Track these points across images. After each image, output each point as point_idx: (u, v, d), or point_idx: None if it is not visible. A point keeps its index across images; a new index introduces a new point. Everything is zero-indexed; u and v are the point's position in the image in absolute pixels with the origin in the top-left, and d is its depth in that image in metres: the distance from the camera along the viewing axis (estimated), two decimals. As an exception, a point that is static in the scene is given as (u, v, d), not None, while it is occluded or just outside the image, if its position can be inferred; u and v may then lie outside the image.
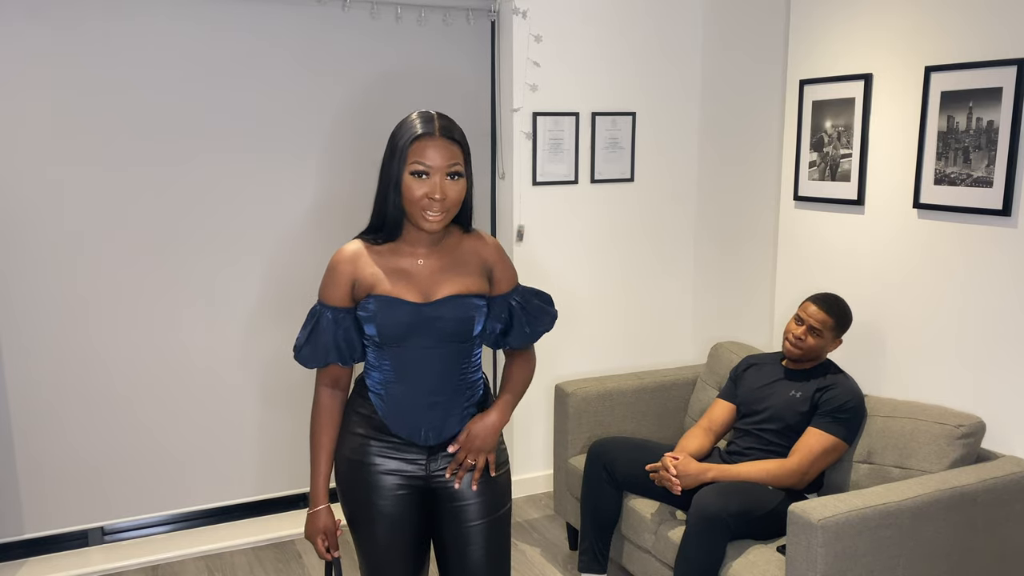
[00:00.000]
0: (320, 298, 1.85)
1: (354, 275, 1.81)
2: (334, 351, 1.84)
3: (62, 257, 3.08)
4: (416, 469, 1.87)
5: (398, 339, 1.81)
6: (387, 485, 1.86)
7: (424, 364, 1.83)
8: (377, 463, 1.86)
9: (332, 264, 1.83)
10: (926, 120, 2.65)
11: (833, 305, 2.72)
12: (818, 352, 2.73)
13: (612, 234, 3.84)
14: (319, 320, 1.83)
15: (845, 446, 2.62)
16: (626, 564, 2.90)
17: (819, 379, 2.71)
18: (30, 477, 3.15)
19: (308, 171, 3.39)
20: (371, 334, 1.82)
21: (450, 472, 1.89)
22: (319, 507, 1.88)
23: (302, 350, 1.85)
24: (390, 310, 1.79)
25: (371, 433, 1.87)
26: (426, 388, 1.84)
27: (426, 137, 1.73)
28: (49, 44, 2.94)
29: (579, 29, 3.60)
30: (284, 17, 3.25)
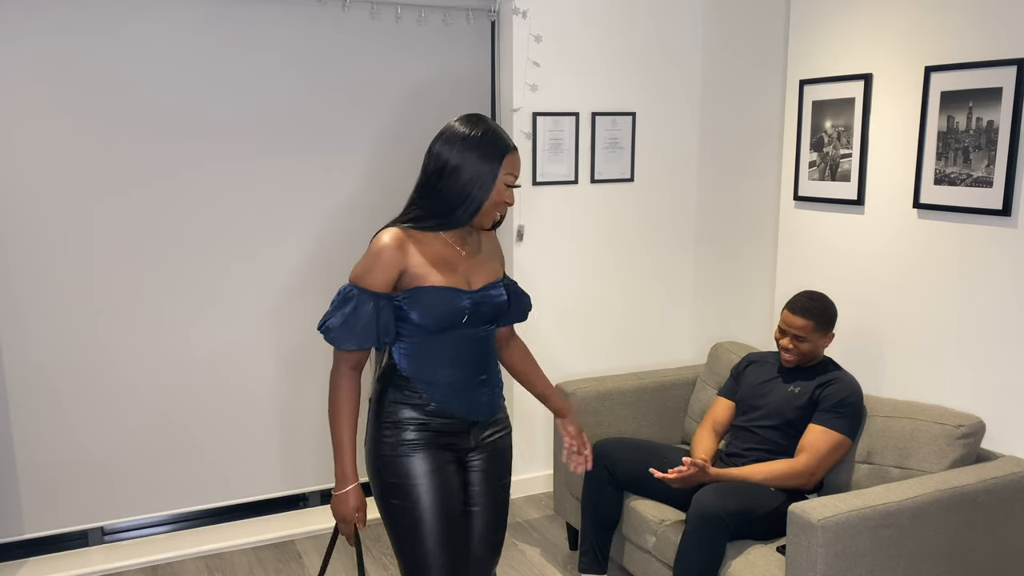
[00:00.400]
0: (358, 283, 1.89)
1: (403, 264, 1.88)
2: (373, 336, 1.88)
3: (62, 256, 3.08)
4: (461, 443, 2.00)
5: (452, 326, 1.91)
6: (438, 464, 1.95)
7: (471, 346, 1.97)
8: (429, 444, 1.95)
9: (377, 251, 1.87)
10: (926, 120, 2.65)
11: (809, 307, 2.69)
12: (812, 354, 2.73)
13: (612, 234, 3.84)
14: (358, 304, 1.87)
15: (849, 442, 2.62)
16: (626, 564, 2.91)
17: (819, 376, 2.71)
18: (30, 477, 3.15)
19: (308, 170, 3.39)
20: (422, 322, 1.90)
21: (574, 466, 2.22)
22: (351, 485, 1.92)
23: (335, 331, 1.88)
24: (447, 299, 1.89)
25: (419, 418, 1.94)
26: (476, 368, 1.98)
27: (515, 151, 1.92)
28: (49, 43, 2.94)
29: (579, 29, 3.60)
30: (284, 17, 3.25)
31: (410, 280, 1.89)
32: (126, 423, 3.25)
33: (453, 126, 1.91)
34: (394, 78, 3.47)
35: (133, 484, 3.30)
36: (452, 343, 1.94)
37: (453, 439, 1.98)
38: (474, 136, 1.88)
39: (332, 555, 2.03)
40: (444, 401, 1.95)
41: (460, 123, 1.91)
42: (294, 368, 3.49)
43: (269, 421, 3.49)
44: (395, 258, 1.87)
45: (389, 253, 1.87)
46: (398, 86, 3.49)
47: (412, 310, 1.89)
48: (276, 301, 3.42)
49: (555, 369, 3.80)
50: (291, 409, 3.52)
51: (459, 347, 1.95)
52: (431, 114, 3.56)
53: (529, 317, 3.83)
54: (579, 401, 3.19)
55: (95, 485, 3.25)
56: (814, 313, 2.68)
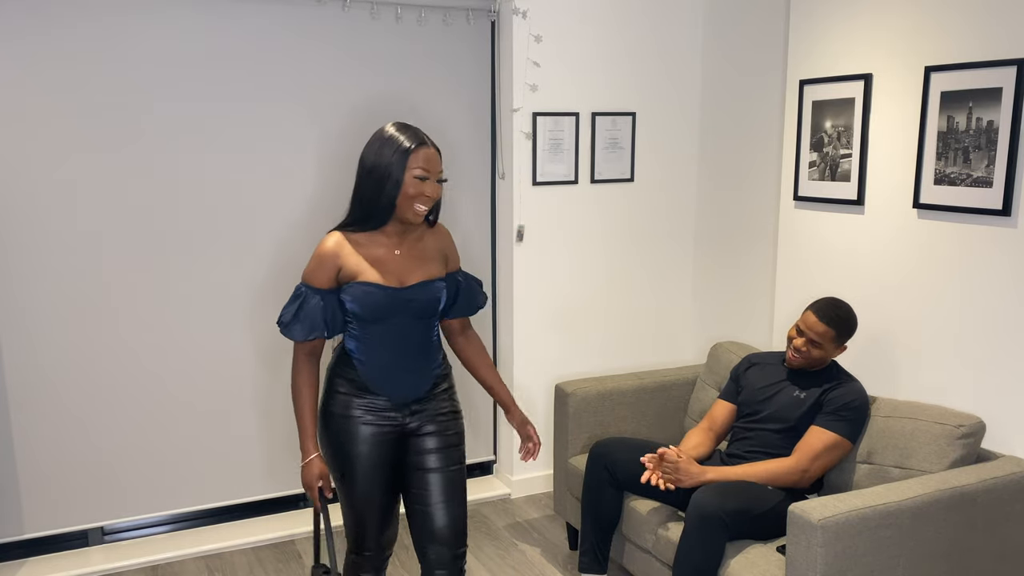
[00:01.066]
0: (307, 281, 2.14)
1: (339, 264, 2.13)
2: (321, 326, 2.14)
3: (61, 257, 3.08)
4: (392, 422, 2.21)
5: (380, 318, 2.14)
6: (370, 434, 2.19)
7: (401, 337, 2.18)
8: (360, 416, 2.19)
9: (319, 253, 2.13)
10: (926, 120, 2.65)
11: (834, 316, 2.64)
12: (821, 361, 2.70)
13: (612, 234, 3.84)
14: (306, 300, 2.13)
15: (848, 444, 2.61)
16: (626, 564, 2.91)
17: (825, 382, 2.68)
18: (30, 477, 3.15)
19: (309, 170, 3.40)
20: (356, 313, 2.13)
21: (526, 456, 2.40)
22: (312, 455, 2.15)
23: (290, 325, 2.14)
24: (374, 294, 2.12)
25: (355, 393, 2.19)
26: (403, 356, 2.20)
27: (423, 147, 2.09)
28: (49, 43, 2.95)
29: (579, 29, 3.60)
30: (284, 17, 3.25)
31: (347, 276, 2.13)
32: (126, 423, 3.26)
33: (377, 132, 2.14)
34: (394, 78, 3.47)
35: (133, 484, 3.30)
36: (388, 332, 2.16)
37: (385, 415, 2.20)
38: (385, 137, 2.10)
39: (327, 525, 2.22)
40: (372, 380, 2.18)
41: (380, 129, 2.14)
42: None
43: (269, 421, 3.49)
44: (333, 259, 2.12)
45: (328, 255, 2.12)
46: (398, 86, 3.49)
47: (350, 303, 2.13)
48: (276, 302, 3.42)
49: (555, 369, 3.80)
50: (291, 409, 3.52)
51: (394, 335, 2.17)
52: (431, 114, 3.56)
53: (530, 316, 3.83)
54: (580, 401, 3.19)
55: (95, 485, 3.25)
56: (838, 323, 2.64)
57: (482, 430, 3.92)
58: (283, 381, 3.48)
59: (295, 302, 2.14)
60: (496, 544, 3.39)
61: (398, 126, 2.12)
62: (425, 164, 2.09)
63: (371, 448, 2.19)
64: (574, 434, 3.21)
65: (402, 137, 2.09)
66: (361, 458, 2.18)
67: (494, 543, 3.40)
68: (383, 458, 2.20)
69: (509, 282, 3.69)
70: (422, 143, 2.09)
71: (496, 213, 3.77)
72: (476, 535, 3.46)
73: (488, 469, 4.02)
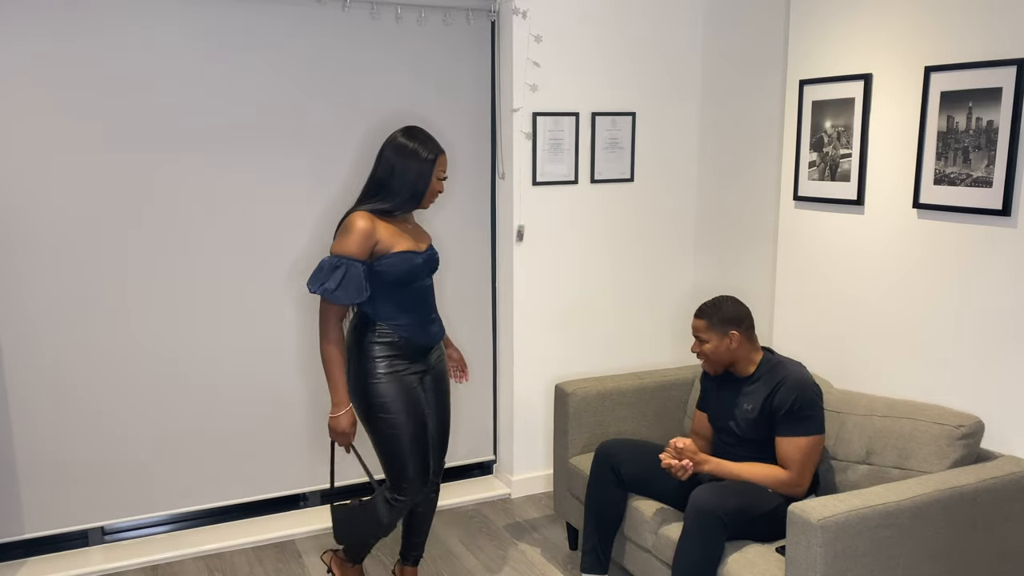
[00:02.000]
0: (343, 253, 2.47)
1: (376, 238, 2.50)
2: (363, 290, 2.48)
3: (61, 256, 3.08)
4: (422, 365, 2.67)
5: (415, 278, 2.58)
6: (406, 385, 2.59)
7: (424, 293, 2.64)
8: (398, 371, 2.58)
9: (359, 229, 2.47)
10: (926, 120, 2.65)
11: (706, 308, 2.68)
12: (722, 356, 2.67)
13: (612, 234, 3.84)
14: (348, 269, 2.46)
15: (821, 437, 2.58)
16: (627, 564, 2.91)
17: (762, 383, 2.64)
18: (30, 477, 3.15)
19: (309, 170, 3.40)
20: (397, 278, 2.53)
21: (460, 378, 2.96)
22: (346, 408, 2.53)
23: (337, 292, 2.45)
24: (412, 259, 2.55)
25: (389, 353, 2.57)
26: (429, 309, 2.67)
27: (443, 155, 2.58)
28: (50, 45, 2.95)
29: (579, 29, 3.60)
30: (284, 17, 3.25)
31: (381, 250, 2.51)
32: (126, 423, 3.26)
33: (398, 138, 2.55)
34: (394, 78, 3.47)
35: (133, 484, 3.30)
36: (418, 291, 2.60)
37: (415, 363, 2.62)
38: (411, 148, 2.53)
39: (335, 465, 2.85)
40: (408, 335, 2.59)
41: (403, 135, 2.55)
42: (293, 368, 3.49)
43: (269, 421, 3.49)
44: (371, 234, 2.48)
45: (368, 231, 2.48)
46: (398, 86, 3.49)
47: (389, 268, 2.51)
48: (276, 302, 3.42)
49: (555, 369, 3.80)
50: (291, 409, 3.52)
51: (416, 295, 2.60)
52: (431, 114, 3.56)
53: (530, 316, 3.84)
54: (580, 401, 3.19)
55: (95, 485, 3.25)
56: (707, 311, 2.67)
57: (482, 430, 3.92)
58: (283, 382, 3.48)
59: (335, 272, 2.45)
60: (496, 544, 3.39)
61: (421, 135, 2.55)
62: (443, 168, 2.59)
63: (410, 400, 2.58)
64: (574, 434, 3.21)
65: (428, 145, 2.54)
66: (403, 411, 2.57)
67: (494, 543, 3.40)
68: (418, 406, 2.62)
69: (509, 282, 3.70)
70: (442, 151, 2.57)
71: (496, 213, 3.77)
72: (476, 535, 3.46)
73: (488, 469, 4.02)
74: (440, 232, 3.66)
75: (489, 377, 3.89)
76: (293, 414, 3.52)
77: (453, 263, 3.71)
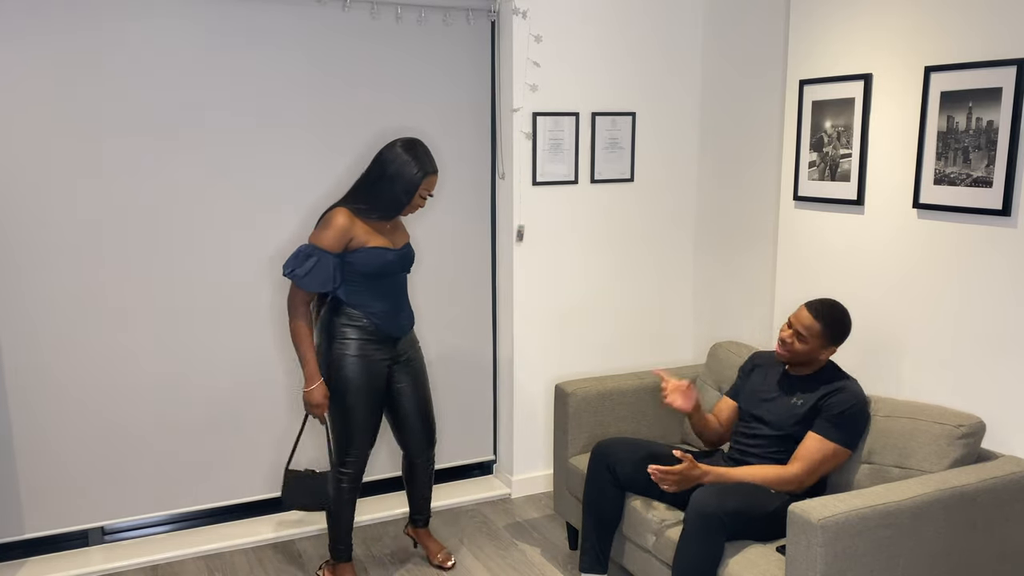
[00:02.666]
0: (318, 244, 2.69)
1: (351, 234, 2.72)
2: (331, 281, 2.72)
3: (61, 256, 3.08)
4: (388, 353, 2.88)
5: (386, 273, 2.80)
6: (371, 366, 2.82)
7: (395, 286, 2.86)
8: (366, 353, 2.81)
9: (336, 225, 2.69)
10: (926, 120, 2.65)
11: (824, 312, 2.63)
12: (807, 358, 2.66)
13: (612, 234, 3.84)
14: (319, 260, 2.68)
15: (847, 452, 2.58)
16: (627, 564, 2.91)
17: (823, 385, 2.65)
18: (30, 477, 3.15)
19: (308, 168, 3.40)
20: (367, 271, 2.75)
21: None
22: (318, 382, 2.77)
23: (305, 279, 2.68)
24: (384, 255, 2.77)
25: (359, 336, 2.80)
26: (398, 300, 2.88)
27: (433, 175, 2.77)
28: (50, 43, 2.95)
29: (579, 29, 3.60)
30: (284, 17, 3.25)
31: (356, 244, 2.72)
32: (126, 423, 3.26)
33: (396, 147, 2.74)
34: (394, 78, 3.47)
35: (133, 484, 3.30)
36: (388, 284, 2.82)
37: (382, 349, 2.85)
38: (406, 159, 2.72)
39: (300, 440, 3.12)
40: (379, 322, 2.81)
41: (402, 146, 2.73)
42: (293, 368, 3.49)
43: (269, 421, 3.49)
44: (347, 231, 2.71)
45: (344, 227, 2.70)
46: (398, 86, 3.49)
47: (359, 262, 2.73)
48: (275, 302, 3.42)
49: (555, 369, 3.80)
50: (290, 409, 3.52)
51: (388, 287, 2.83)
52: (431, 114, 3.56)
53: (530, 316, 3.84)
54: (580, 401, 3.19)
55: (95, 485, 3.25)
56: (827, 319, 2.62)
57: (482, 430, 3.92)
58: (283, 381, 3.48)
59: (308, 260, 2.68)
60: (496, 544, 3.39)
61: (419, 151, 2.74)
62: (430, 187, 2.79)
63: (370, 380, 2.82)
64: (574, 434, 3.21)
65: (423, 162, 2.73)
66: (362, 388, 2.81)
67: (494, 543, 3.40)
68: (378, 387, 2.85)
69: (509, 282, 3.70)
70: (434, 171, 2.76)
71: (496, 213, 3.77)
72: (476, 535, 3.46)
73: (488, 469, 4.02)
74: (440, 231, 3.66)
75: (489, 377, 3.89)
76: (293, 414, 3.52)
77: (453, 263, 3.71)
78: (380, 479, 3.72)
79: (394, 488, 3.78)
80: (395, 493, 3.77)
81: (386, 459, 3.71)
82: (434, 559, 3.20)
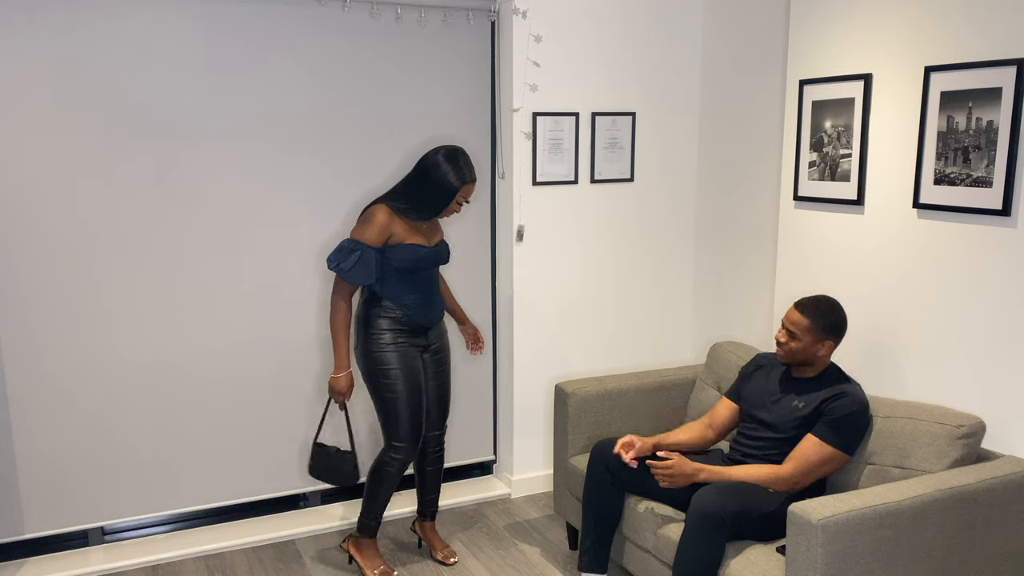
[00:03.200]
0: (360, 239, 2.84)
1: (391, 230, 2.88)
2: (373, 275, 2.87)
3: (61, 256, 3.08)
4: (422, 341, 3.03)
5: (421, 268, 2.94)
6: (408, 356, 2.97)
7: (428, 280, 3.00)
8: (401, 344, 2.96)
9: (378, 221, 2.86)
10: (926, 120, 2.65)
11: (812, 307, 2.64)
12: (804, 356, 2.66)
13: (612, 234, 3.84)
14: (363, 254, 2.84)
15: (846, 457, 2.58)
16: (626, 564, 2.91)
17: (825, 389, 2.64)
18: (30, 477, 3.15)
19: (308, 169, 3.40)
20: (404, 266, 2.90)
21: (475, 350, 3.37)
22: (346, 371, 2.93)
23: (349, 272, 2.83)
24: (420, 251, 2.92)
25: (394, 327, 2.95)
26: (431, 294, 3.02)
27: (472, 184, 2.92)
28: (50, 43, 2.95)
29: (579, 29, 3.60)
30: (284, 17, 3.25)
31: (396, 240, 2.88)
32: (126, 423, 3.26)
33: (439, 155, 2.87)
34: (394, 78, 3.47)
35: (133, 484, 3.30)
36: (422, 278, 2.97)
37: (416, 338, 2.99)
38: (449, 167, 2.87)
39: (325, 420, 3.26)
40: (411, 313, 2.96)
41: (444, 155, 2.87)
42: (294, 368, 3.49)
43: (269, 421, 3.49)
44: (387, 227, 2.87)
45: (385, 224, 2.86)
46: (398, 86, 3.49)
47: (397, 259, 2.88)
48: (275, 302, 3.42)
49: (555, 369, 3.80)
50: (291, 409, 3.52)
51: (421, 281, 2.97)
52: (431, 114, 3.56)
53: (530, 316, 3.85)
54: (580, 401, 3.19)
55: (95, 485, 3.25)
56: (813, 312, 2.63)
57: (482, 430, 3.92)
58: (283, 381, 3.48)
59: (352, 255, 2.82)
60: (496, 544, 3.39)
61: (458, 159, 2.87)
62: (468, 195, 2.93)
63: (410, 369, 2.96)
64: (574, 434, 3.21)
65: (462, 172, 2.87)
66: (403, 377, 2.94)
67: (494, 543, 3.40)
68: (417, 375, 2.98)
69: (509, 282, 3.70)
70: (473, 180, 2.91)
71: (496, 213, 3.77)
72: (476, 535, 3.46)
73: (488, 469, 4.02)
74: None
75: (489, 377, 3.89)
76: (293, 414, 3.52)
77: (453, 262, 3.71)
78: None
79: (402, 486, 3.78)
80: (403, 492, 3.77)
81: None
82: (437, 555, 3.23)
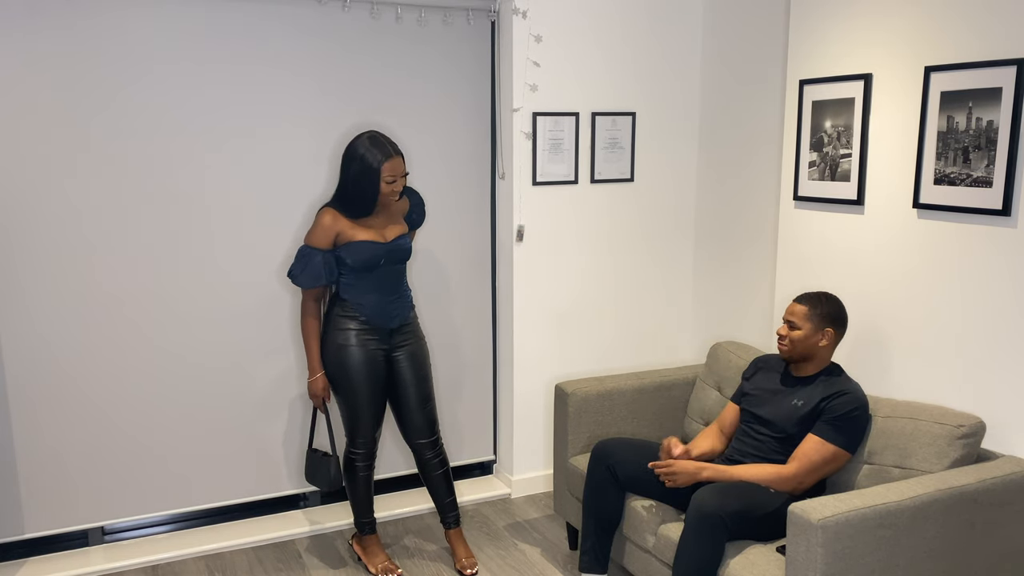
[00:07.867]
0: (310, 244, 2.87)
1: (337, 230, 2.87)
2: (323, 276, 2.88)
3: (61, 256, 3.08)
4: (382, 343, 3.01)
5: (372, 266, 2.91)
6: (367, 357, 2.96)
7: (385, 279, 2.97)
8: (362, 343, 2.96)
9: (321, 224, 2.86)
10: (926, 120, 2.65)
11: (809, 296, 2.69)
12: (806, 348, 2.67)
13: (612, 234, 3.84)
14: (310, 257, 2.86)
15: (847, 455, 2.58)
16: (626, 564, 2.91)
17: (824, 386, 2.65)
18: (30, 477, 3.15)
19: (308, 168, 3.40)
20: (355, 264, 2.87)
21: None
22: (319, 373, 2.98)
23: (300, 277, 2.87)
24: (369, 247, 2.89)
25: (355, 327, 2.95)
26: (389, 294, 2.99)
27: (389, 160, 2.83)
28: (50, 42, 2.95)
29: (579, 29, 3.60)
30: (284, 17, 3.25)
31: (344, 239, 2.87)
32: (126, 423, 3.26)
33: (352, 144, 2.85)
34: (394, 78, 3.47)
35: (133, 484, 3.31)
36: (377, 277, 2.94)
37: (377, 338, 2.98)
38: (360, 154, 2.82)
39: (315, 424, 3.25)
40: (371, 315, 2.95)
41: (357, 142, 2.84)
42: (294, 368, 3.49)
43: (270, 421, 3.49)
44: (332, 228, 2.87)
45: (328, 225, 2.87)
46: (398, 86, 3.49)
47: (348, 257, 2.87)
48: (274, 301, 3.42)
49: (555, 369, 3.80)
50: (291, 409, 3.52)
51: (379, 280, 2.95)
52: (431, 114, 3.56)
53: (530, 316, 3.85)
54: (580, 401, 3.19)
55: (95, 485, 3.25)
56: (812, 300, 2.67)
57: (482, 430, 3.92)
58: (284, 382, 3.48)
59: (303, 260, 2.86)
60: (496, 544, 3.39)
61: (370, 142, 2.81)
62: (392, 172, 2.83)
63: (368, 366, 2.95)
64: (574, 434, 3.21)
65: (374, 153, 2.81)
66: (362, 374, 2.95)
67: (494, 543, 3.40)
68: (376, 373, 2.98)
69: (509, 282, 3.70)
70: (388, 156, 2.81)
71: (496, 213, 3.77)
72: (476, 535, 3.46)
73: (488, 469, 4.02)
74: (440, 231, 3.66)
75: (489, 377, 3.89)
76: (293, 415, 3.52)
77: (453, 263, 3.71)
78: (403, 475, 3.72)
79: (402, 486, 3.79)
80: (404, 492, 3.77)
81: (410, 455, 3.72)
82: (457, 563, 3.17)
